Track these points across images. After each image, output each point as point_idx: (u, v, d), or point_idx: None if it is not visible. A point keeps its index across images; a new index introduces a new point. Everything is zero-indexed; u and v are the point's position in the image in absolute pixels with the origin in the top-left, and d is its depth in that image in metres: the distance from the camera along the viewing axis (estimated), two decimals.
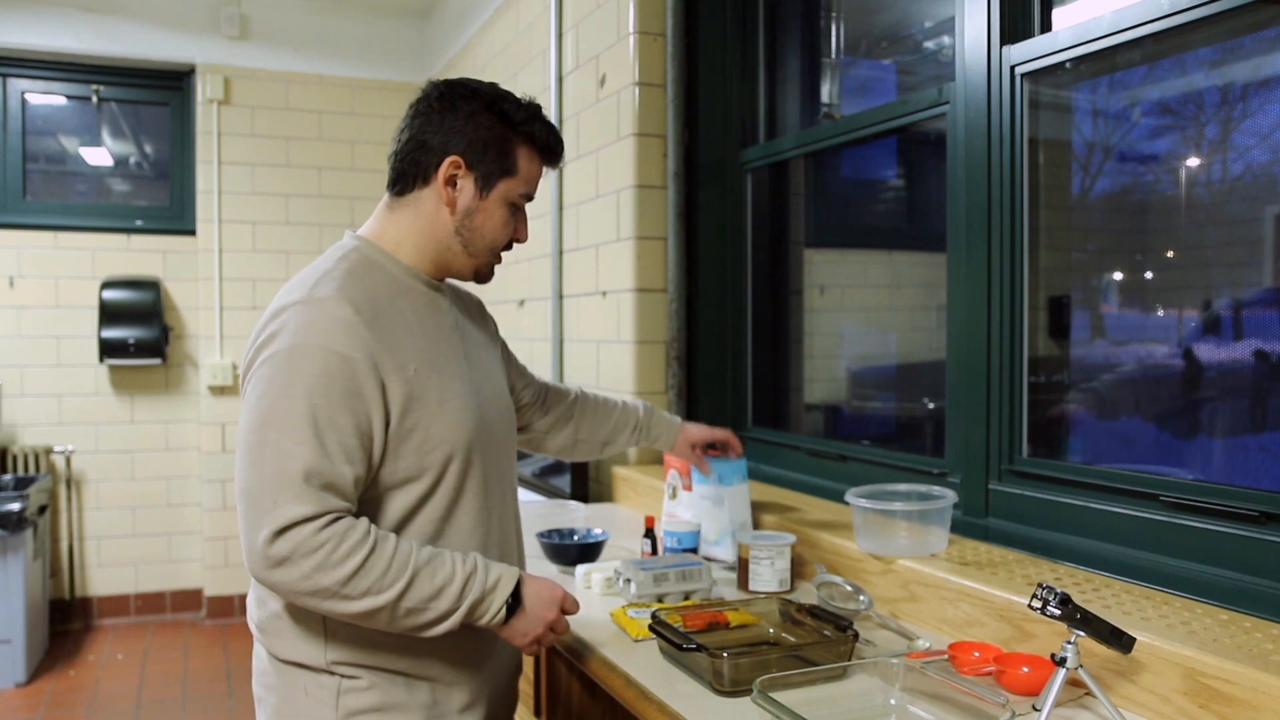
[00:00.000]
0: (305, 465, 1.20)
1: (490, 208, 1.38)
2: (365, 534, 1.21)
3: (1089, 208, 1.92)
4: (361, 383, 1.24)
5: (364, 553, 1.19)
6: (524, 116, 1.38)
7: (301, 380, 1.22)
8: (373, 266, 1.36)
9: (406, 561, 1.22)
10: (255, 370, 1.26)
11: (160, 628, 4.72)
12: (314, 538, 1.18)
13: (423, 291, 1.40)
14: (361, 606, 1.20)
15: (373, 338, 1.26)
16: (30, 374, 4.64)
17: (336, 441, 1.22)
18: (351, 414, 1.23)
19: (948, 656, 1.40)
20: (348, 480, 1.23)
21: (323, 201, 4.95)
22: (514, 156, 1.38)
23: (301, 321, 1.25)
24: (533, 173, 1.41)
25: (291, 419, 1.21)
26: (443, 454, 1.32)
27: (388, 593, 1.20)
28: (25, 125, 4.68)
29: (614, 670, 1.45)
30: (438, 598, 1.23)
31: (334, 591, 1.19)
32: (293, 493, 1.19)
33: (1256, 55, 1.55)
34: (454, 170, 1.35)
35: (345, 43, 4.95)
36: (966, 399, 1.87)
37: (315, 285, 1.29)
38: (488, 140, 1.36)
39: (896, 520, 1.70)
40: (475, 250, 1.40)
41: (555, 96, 3.26)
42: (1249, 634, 1.24)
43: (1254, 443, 1.57)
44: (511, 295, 3.76)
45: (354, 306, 1.27)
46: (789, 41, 2.69)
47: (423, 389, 1.30)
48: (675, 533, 1.92)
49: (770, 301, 2.73)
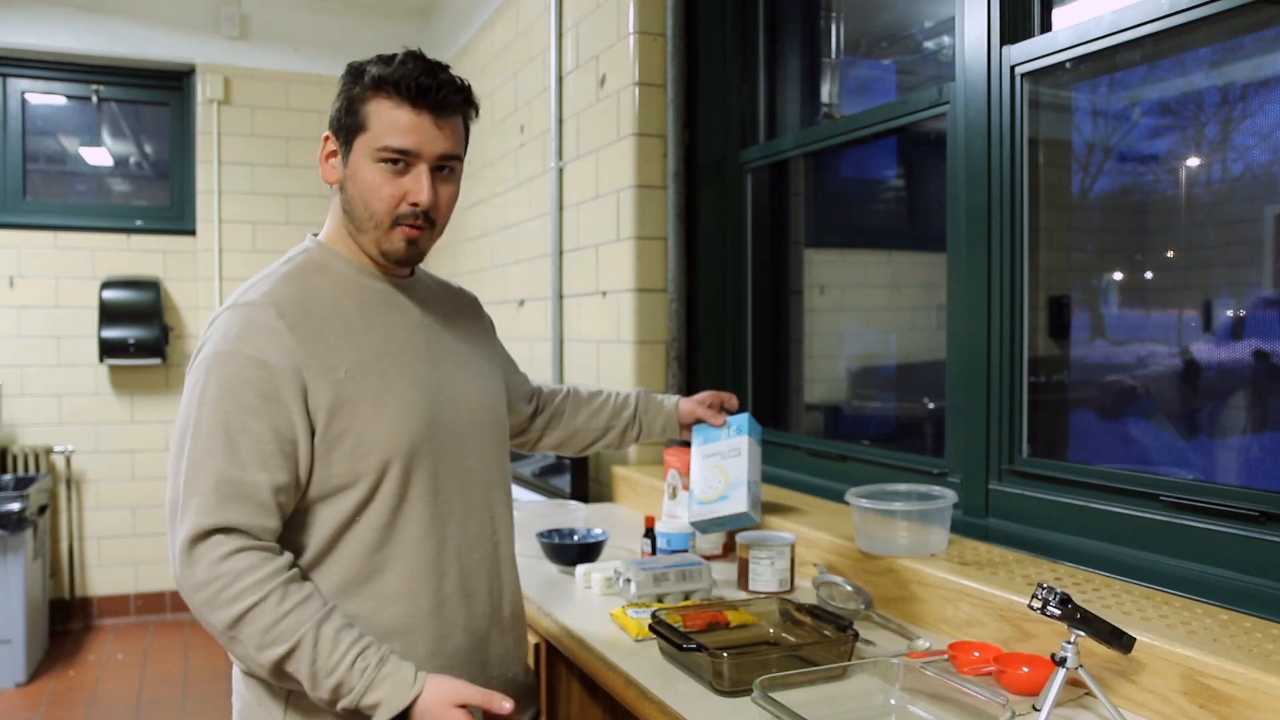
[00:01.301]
0: (215, 472, 1.16)
1: (356, 172, 1.29)
2: (264, 578, 1.15)
3: (1089, 208, 1.92)
4: (280, 387, 1.20)
5: (253, 599, 1.14)
6: (373, 64, 1.30)
7: (215, 387, 1.19)
8: (318, 268, 1.32)
9: (296, 628, 1.14)
10: (187, 377, 1.25)
11: (160, 628, 4.72)
12: (212, 568, 1.14)
13: (377, 289, 1.34)
14: (245, 653, 1.16)
15: (296, 341, 1.22)
16: (30, 374, 4.64)
17: (250, 448, 1.17)
18: (268, 419, 1.19)
19: (948, 656, 1.40)
20: (263, 487, 1.18)
21: (323, 202, 4.94)
22: (362, 111, 1.29)
23: (224, 327, 1.22)
24: (393, 120, 1.26)
25: (204, 427, 1.18)
26: (378, 459, 1.25)
27: (265, 652, 1.14)
28: (25, 125, 4.68)
29: (614, 670, 1.45)
30: (314, 684, 1.16)
31: (220, 630, 1.16)
32: (199, 501, 1.16)
33: (1256, 55, 1.55)
34: (327, 145, 1.34)
35: (345, 43, 4.95)
36: (966, 399, 1.87)
37: (248, 290, 1.27)
38: (341, 105, 1.32)
39: (896, 520, 1.70)
40: (360, 222, 1.30)
41: (555, 96, 3.26)
42: (1249, 634, 1.24)
43: (1254, 443, 1.57)
44: (511, 295, 3.76)
45: (277, 310, 1.23)
46: (789, 41, 2.69)
47: (354, 392, 1.24)
48: (666, 533, 1.92)
49: (770, 301, 2.73)
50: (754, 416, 1.88)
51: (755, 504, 1.78)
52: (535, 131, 3.46)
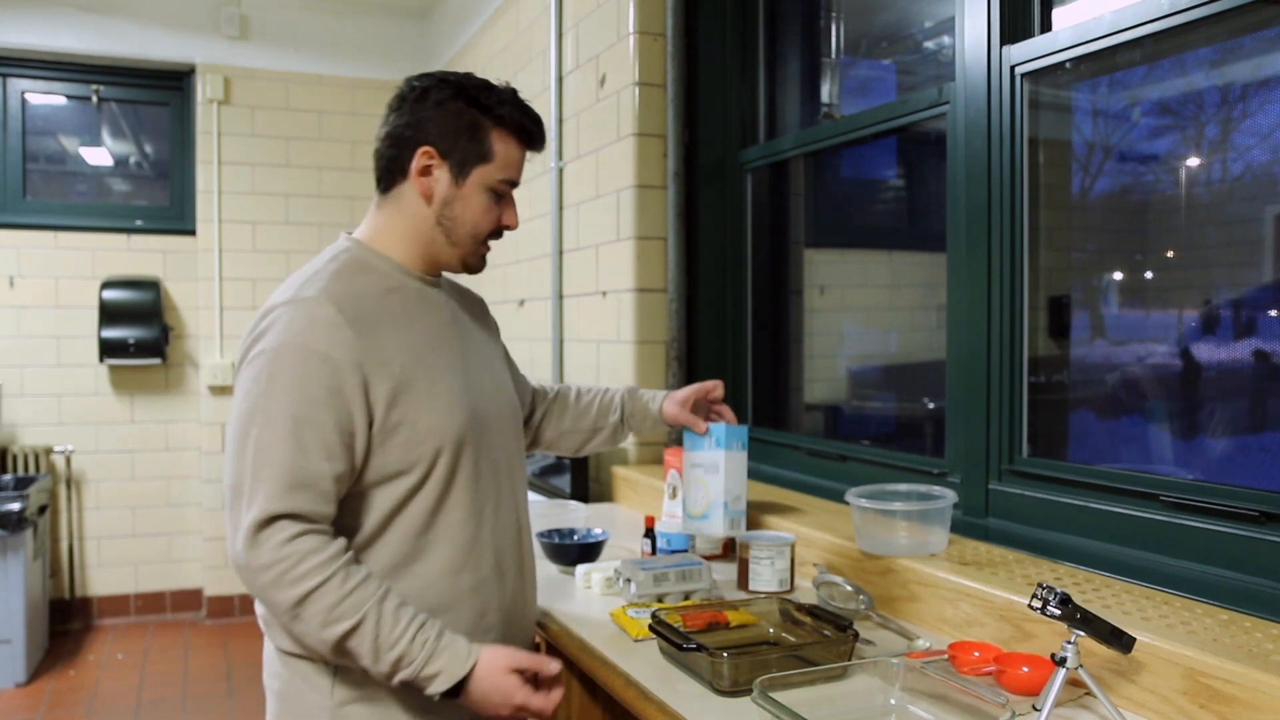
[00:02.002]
0: (282, 461, 1.22)
1: (468, 195, 1.38)
2: (327, 560, 1.22)
3: (1089, 208, 1.92)
4: (343, 381, 1.25)
5: (318, 579, 1.20)
6: (495, 100, 1.38)
7: (283, 379, 1.24)
8: (362, 266, 1.37)
9: (359, 605, 1.21)
10: (243, 368, 1.30)
11: (160, 628, 4.72)
12: (277, 550, 1.20)
13: (415, 288, 1.41)
14: (307, 631, 1.22)
15: (355, 336, 1.27)
16: (30, 374, 4.64)
17: (316, 439, 1.24)
18: (332, 412, 1.25)
19: (948, 656, 1.40)
20: (325, 477, 1.24)
21: (323, 201, 4.95)
22: (487, 141, 1.37)
23: (286, 321, 1.27)
24: (511, 157, 1.40)
25: (271, 416, 1.23)
26: (431, 447, 1.32)
27: (330, 629, 1.21)
28: (25, 125, 4.68)
29: (614, 670, 1.45)
30: (376, 658, 1.22)
31: (283, 610, 1.21)
32: (266, 488, 1.21)
33: (1256, 55, 1.55)
34: (427, 160, 1.37)
35: (345, 43, 4.95)
36: (966, 399, 1.87)
37: (302, 286, 1.31)
38: (459, 127, 1.36)
39: (896, 520, 1.70)
40: (458, 239, 1.40)
41: (555, 96, 3.26)
42: (1249, 634, 1.24)
43: (1254, 443, 1.57)
44: (511, 295, 3.76)
45: (337, 306, 1.28)
46: (789, 41, 2.69)
47: (408, 384, 1.31)
48: (666, 534, 1.91)
49: (770, 301, 2.73)
50: (742, 421, 1.81)
51: (736, 522, 1.73)
52: None
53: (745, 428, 1.76)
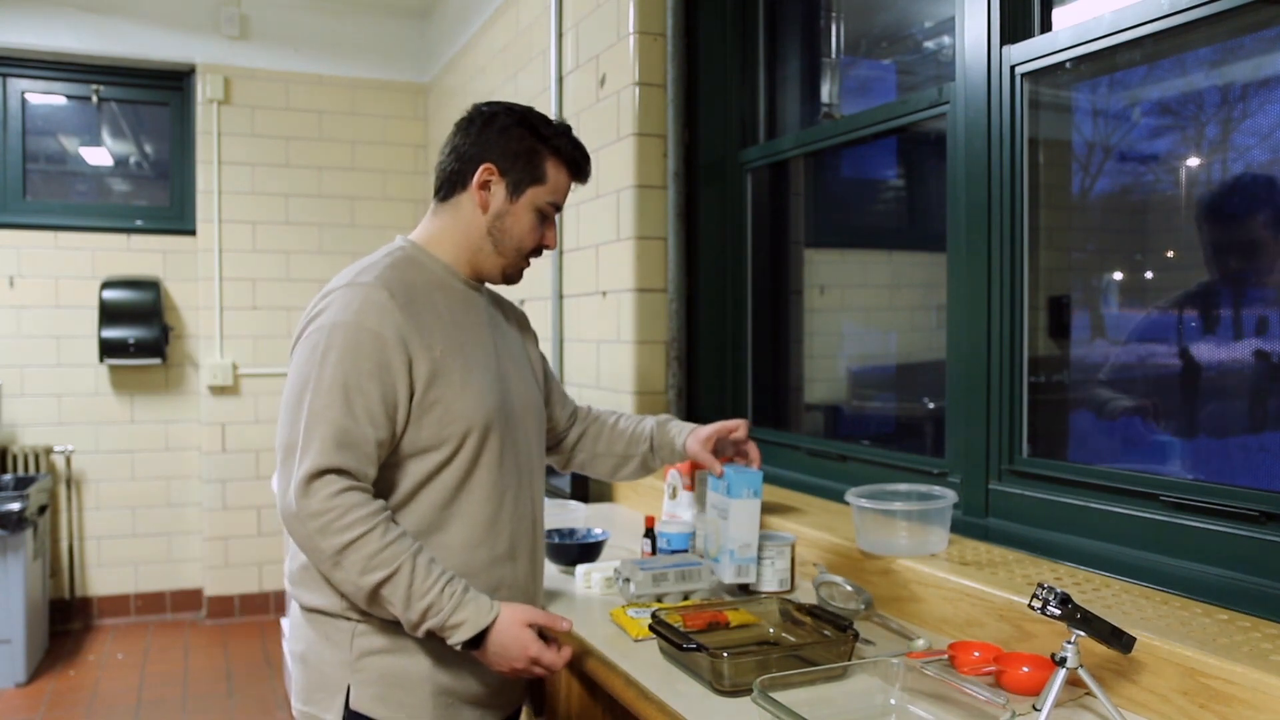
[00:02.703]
0: (333, 422, 1.35)
1: (519, 212, 1.53)
2: (370, 514, 1.34)
3: (1089, 208, 1.92)
4: (390, 357, 1.39)
5: (361, 529, 1.32)
6: (553, 132, 1.55)
7: (336, 351, 1.37)
8: (414, 263, 1.52)
9: (396, 556, 1.33)
10: (300, 342, 1.43)
11: (160, 628, 4.72)
12: (327, 501, 1.32)
13: (459, 289, 1.55)
14: (345, 577, 1.34)
15: (404, 319, 1.41)
16: (30, 374, 4.64)
17: (363, 406, 1.36)
18: (379, 384, 1.38)
19: (948, 656, 1.40)
20: (370, 440, 1.37)
21: (323, 201, 4.95)
22: (542, 166, 1.53)
23: (343, 302, 1.41)
24: (560, 183, 1.56)
25: (324, 384, 1.36)
26: (461, 427, 1.44)
27: (368, 576, 1.33)
28: (25, 125, 4.68)
29: (614, 670, 1.45)
30: (407, 605, 1.34)
31: (327, 556, 1.33)
32: (318, 445, 1.34)
33: (1256, 55, 1.55)
34: (488, 176, 1.51)
35: (345, 43, 4.95)
36: (966, 399, 1.87)
37: (359, 273, 1.46)
38: (519, 150, 1.52)
39: (896, 520, 1.70)
40: (504, 249, 1.55)
41: (555, 96, 3.26)
42: (1249, 634, 1.24)
43: (1254, 443, 1.57)
44: (512, 295, 3.75)
45: (389, 291, 1.42)
46: (789, 41, 2.69)
47: (447, 368, 1.44)
48: (667, 534, 1.91)
49: (770, 301, 2.73)
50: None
51: (744, 570, 1.73)
52: None
53: (759, 474, 1.74)
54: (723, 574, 1.74)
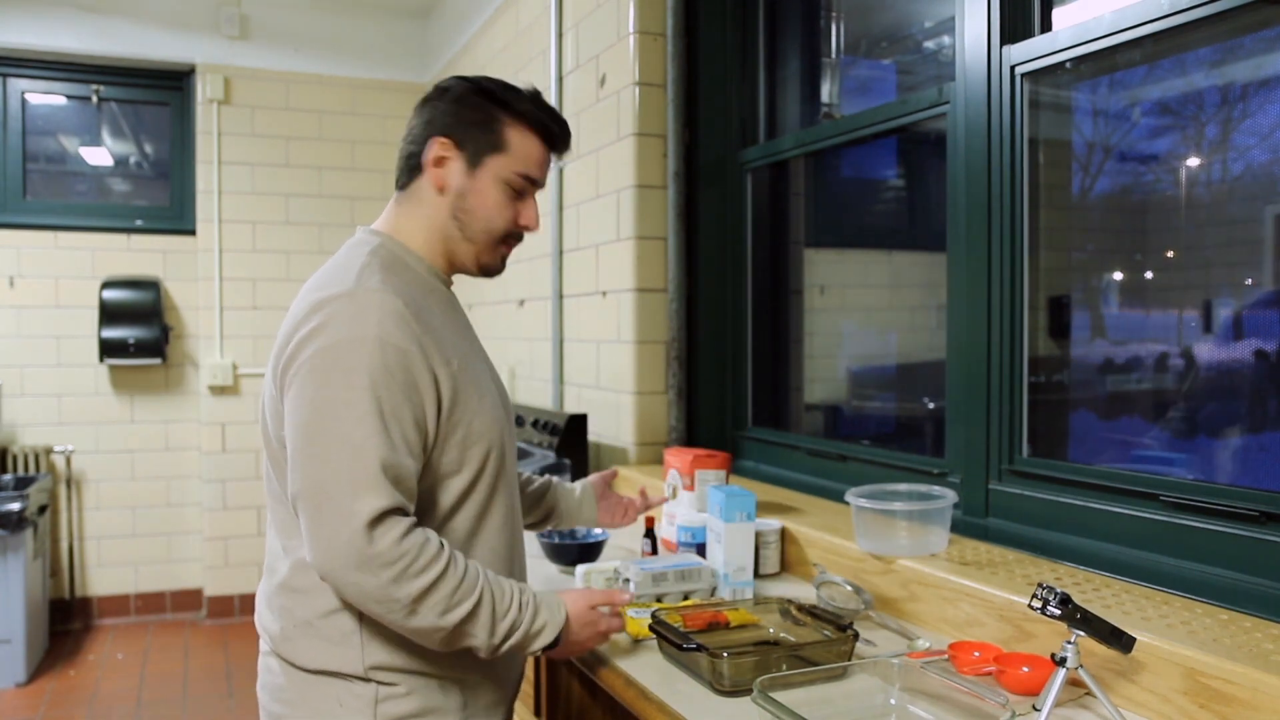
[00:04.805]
0: (380, 456, 1.17)
1: (482, 187, 1.35)
2: (438, 550, 1.20)
3: (1089, 208, 1.92)
4: (417, 375, 1.22)
5: (438, 570, 1.19)
6: (513, 96, 1.36)
7: (361, 372, 1.18)
8: (400, 263, 1.34)
9: (474, 588, 1.22)
10: (303, 364, 1.21)
11: (160, 628, 4.72)
12: (397, 545, 1.17)
13: (441, 289, 1.40)
14: (424, 623, 1.19)
15: (421, 330, 1.24)
16: (30, 374, 4.64)
17: (400, 435, 1.20)
18: (410, 406, 1.22)
19: (948, 656, 1.40)
20: (412, 474, 1.22)
21: (323, 201, 4.95)
22: (501, 133, 1.35)
23: (352, 313, 1.21)
24: (529, 152, 1.37)
25: (357, 411, 1.18)
26: (482, 449, 1.31)
27: (450, 615, 1.20)
28: (25, 125, 4.68)
29: (614, 670, 1.45)
30: (491, 633, 1.24)
31: (402, 605, 1.17)
32: (372, 484, 1.17)
33: (1256, 55, 1.55)
34: (442, 151, 1.34)
35: (345, 43, 4.95)
36: (966, 399, 1.87)
37: (360, 277, 1.25)
38: (473, 119, 1.35)
39: (896, 520, 1.70)
40: (472, 234, 1.37)
41: (555, 96, 3.26)
42: (1249, 634, 1.24)
43: (1254, 443, 1.57)
44: (511, 295, 3.76)
45: (403, 299, 1.24)
46: (789, 41, 2.69)
47: (465, 383, 1.29)
48: (688, 527, 1.93)
49: (770, 301, 2.73)
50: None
51: (738, 592, 1.74)
52: None
53: (752, 496, 1.76)
54: (721, 593, 1.76)
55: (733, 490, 1.78)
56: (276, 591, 1.32)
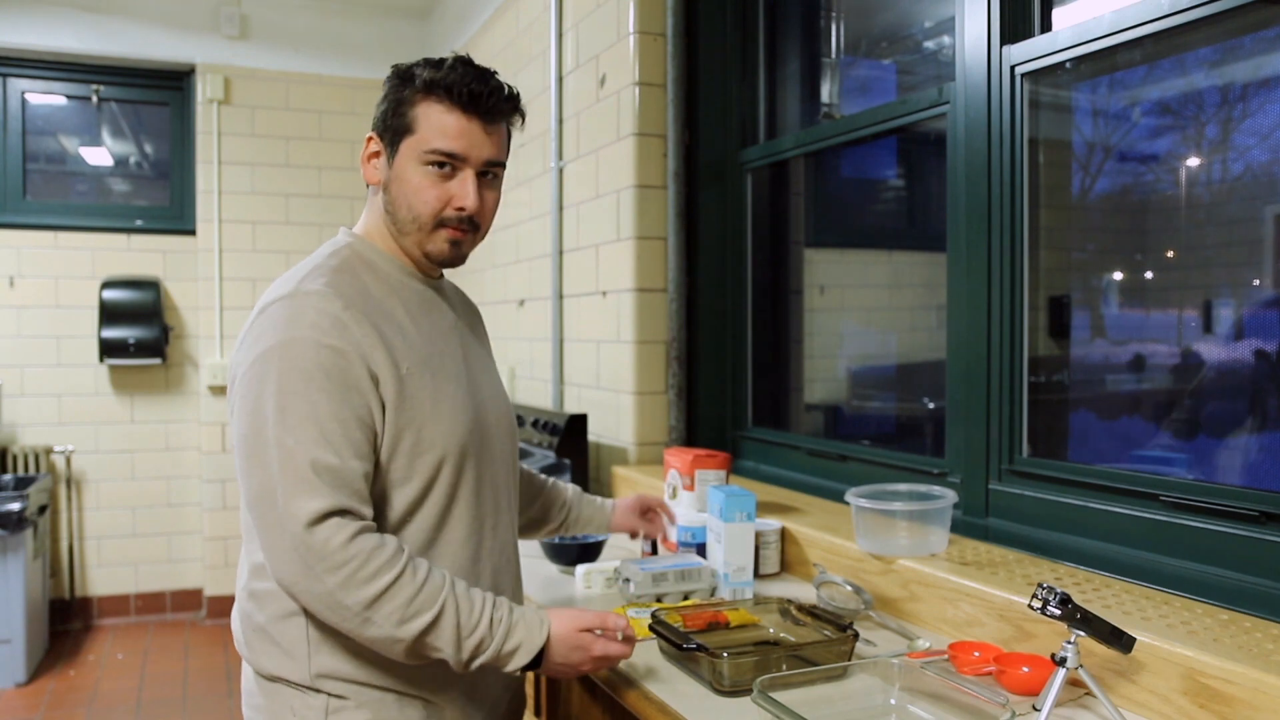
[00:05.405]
0: (316, 459, 1.14)
1: (402, 174, 1.29)
2: (393, 555, 1.16)
3: (1089, 208, 1.92)
4: (356, 376, 1.19)
5: (390, 575, 1.14)
6: (422, 68, 1.29)
7: (294, 374, 1.16)
8: (365, 264, 1.32)
9: (435, 597, 1.17)
10: (247, 370, 1.20)
11: (160, 628, 4.72)
12: (343, 550, 1.13)
13: (416, 288, 1.35)
14: (380, 633, 1.15)
15: (363, 333, 1.21)
16: (30, 374, 4.64)
17: (341, 435, 1.17)
18: (350, 407, 1.18)
19: (948, 656, 1.40)
20: (357, 475, 1.17)
21: (323, 201, 4.95)
22: (408, 113, 1.28)
23: (289, 315, 1.19)
24: (441, 123, 1.27)
25: (292, 414, 1.15)
26: (434, 457, 1.26)
27: (407, 626, 1.15)
28: (25, 125, 4.67)
29: (614, 670, 1.45)
30: (457, 648, 1.18)
31: (354, 613, 1.14)
32: (305, 485, 1.14)
33: (1256, 55, 1.55)
34: (372, 146, 1.33)
35: (345, 42, 4.95)
36: (966, 399, 1.87)
37: (303, 280, 1.24)
38: (388, 107, 1.31)
39: (896, 520, 1.70)
40: (402, 224, 1.31)
41: (555, 96, 3.26)
42: (1249, 634, 1.24)
43: (1254, 443, 1.57)
44: (511, 295, 3.75)
45: (344, 300, 1.22)
46: (789, 41, 2.69)
47: (415, 388, 1.25)
48: (688, 527, 1.93)
49: (770, 301, 2.74)
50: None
51: (739, 592, 1.74)
52: (535, 131, 3.46)
53: (752, 496, 1.76)
54: (721, 593, 1.76)
55: (733, 490, 1.78)
56: (239, 596, 1.31)
